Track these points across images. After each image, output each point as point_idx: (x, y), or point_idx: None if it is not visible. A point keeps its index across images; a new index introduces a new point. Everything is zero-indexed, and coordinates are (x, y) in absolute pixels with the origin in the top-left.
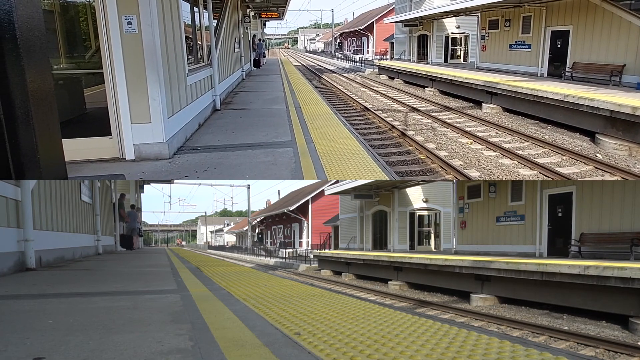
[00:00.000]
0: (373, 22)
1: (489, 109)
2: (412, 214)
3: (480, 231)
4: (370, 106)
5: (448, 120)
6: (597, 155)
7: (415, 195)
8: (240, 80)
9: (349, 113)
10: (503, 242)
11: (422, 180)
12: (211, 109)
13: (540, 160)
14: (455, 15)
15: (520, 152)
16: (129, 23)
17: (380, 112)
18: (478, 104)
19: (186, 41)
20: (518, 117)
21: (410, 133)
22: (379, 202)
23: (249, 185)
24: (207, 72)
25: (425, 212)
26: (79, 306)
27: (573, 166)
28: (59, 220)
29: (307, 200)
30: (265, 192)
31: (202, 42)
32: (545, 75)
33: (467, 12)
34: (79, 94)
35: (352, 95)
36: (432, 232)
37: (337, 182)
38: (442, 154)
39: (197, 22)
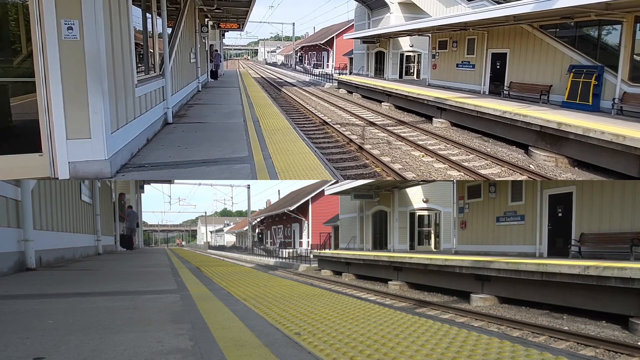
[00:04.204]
0: (333, 37)
1: (439, 124)
2: (412, 214)
3: (480, 231)
4: (329, 120)
5: (402, 134)
6: (530, 166)
7: (416, 195)
8: (196, 92)
9: (308, 127)
10: (503, 242)
11: (422, 181)
12: (162, 123)
13: (483, 172)
14: (409, 35)
15: (466, 164)
16: (70, 28)
17: (339, 126)
18: (429, 118)
19: (136, 49)
20: (464, 131)
21: (367, 147)
22: (379, 202)
23: (249, 185)
24: (159, 83)
25: (425, 212)
26: (79, 306)
27: (510, 177)
28: (59, 220)
29: (307, 200)
30: (265, 192)
31: (154, 51)
32: (487, 93)
33: (419, 32)
34: (4, 105)
35: (311, 109)
36: (432, 232)
37: (337, 181)
38: (396, 166)
39: (150, 30)
